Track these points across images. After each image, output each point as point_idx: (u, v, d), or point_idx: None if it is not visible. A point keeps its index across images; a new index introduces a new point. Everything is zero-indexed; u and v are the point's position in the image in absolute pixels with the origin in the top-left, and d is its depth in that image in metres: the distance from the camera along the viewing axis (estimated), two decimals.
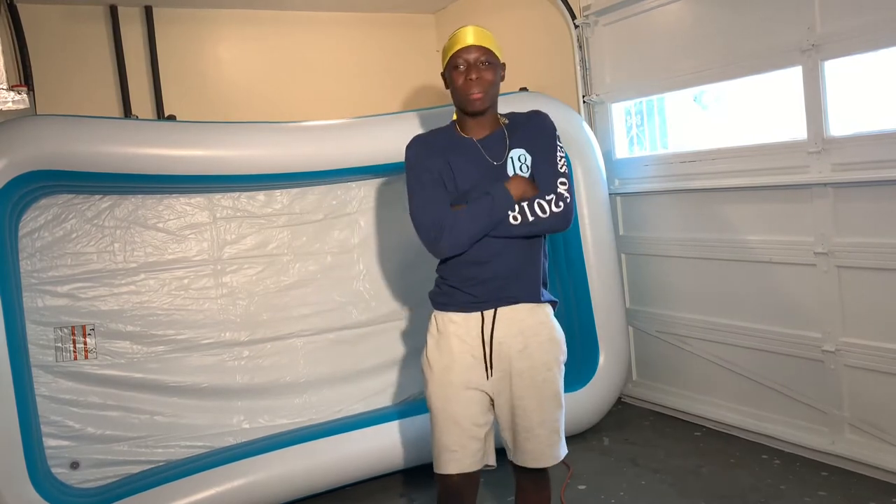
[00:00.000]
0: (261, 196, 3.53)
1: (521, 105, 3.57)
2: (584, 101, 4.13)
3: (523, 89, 3.87)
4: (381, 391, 3.68)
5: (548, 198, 2.12)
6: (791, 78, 3.18)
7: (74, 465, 3.09)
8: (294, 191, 3.57)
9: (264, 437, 3.33)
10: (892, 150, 2.83)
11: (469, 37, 2.13)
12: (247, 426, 3.40)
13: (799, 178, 3.16)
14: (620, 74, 3.98)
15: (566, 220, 2.14)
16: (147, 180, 3.09)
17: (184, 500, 2.89)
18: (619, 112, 4.11)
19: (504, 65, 2.22)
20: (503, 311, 2.13)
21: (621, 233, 4.06)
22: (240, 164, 3.16)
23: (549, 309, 2.22)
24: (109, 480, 3.12)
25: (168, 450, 3.24)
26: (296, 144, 3.23)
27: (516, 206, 2.09)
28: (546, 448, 2.17)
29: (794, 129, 3.21)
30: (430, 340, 2.20)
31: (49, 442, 3.04)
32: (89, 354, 3.18)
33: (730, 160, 3.47)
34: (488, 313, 2.13)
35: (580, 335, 3.76)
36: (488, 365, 2.14)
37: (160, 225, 3.35)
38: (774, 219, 3.32)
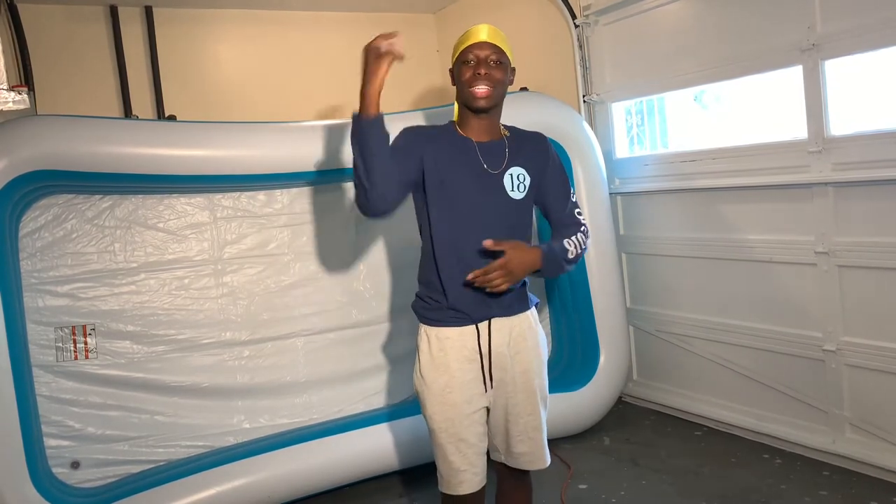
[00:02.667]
0: (261, 196, 3.52)
1: (522, 105, 3.60)
2: (584, 101, 4.12)
3: (524, 89, 3.87)
4: (381, 391, 3.68)
5: (579, 235, 2.17)
6: (791, 77, 3.18)
7: (75, 465, 3.09)
8: (294, 190, 3.56)
9: (265, 437, 3.32)
10: (893, 150, 2.83)
11: (483, 33, 2.10)
12: (247, 426, 3.39)
13: (799, 177, 3.16)
14: (621, 74, 3.98)
15: (585, 248, 2.20)
16: (147, 180, 3.09)
17: (184, 500, 2.89)
18: (620, 111, 4.11)
19: (514, 69, 2.18)
20: (497, 322, 2.10)
21: (621, 232, 4.06)
22: (240, 164, 3.16)
23: (534, 312, 2.21)
24: (110, 480, 3.12)
25: (168, 449, 3.24)
26: (296, 144, 3.23)
27: (573, 243, 2.14)
28: (540, 450, 2.18)
29: (795, 128, 3.21)
30: (424, 358, 2.11)
31: (49, 442, 3.04)
32: (90, 354, 3.18)
33: (730, 160, 3.47)
34: (483, 325, 2.09)
35: (580, 335, 3.76)
36: (488, 377, 2.10)
37: (160, 225, 3.35)
38: (775, 218, 3.32)
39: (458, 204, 2.07)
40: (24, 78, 3.80)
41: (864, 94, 3.06)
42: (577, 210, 2.22)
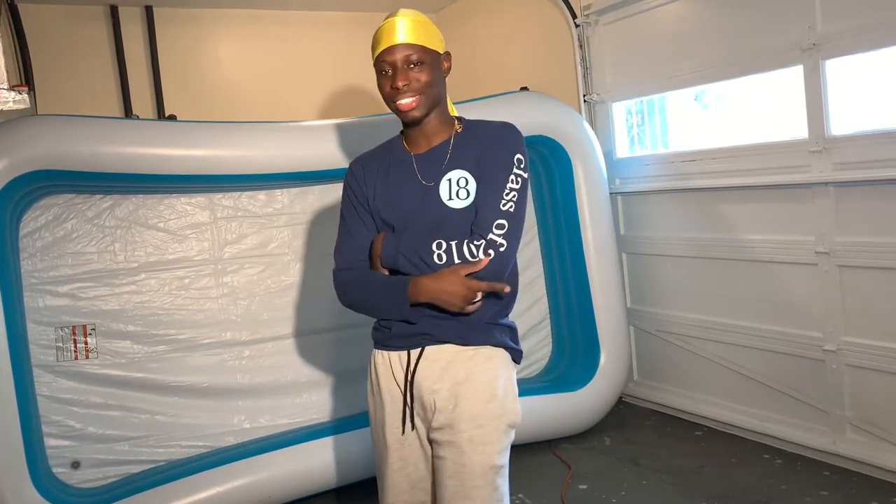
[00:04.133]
0: (261, 196, 3.52)
1: (522, 105, 3.60)
2: (584, 101, 4.12)
3: (524, 89, 3.87)
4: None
5: (476, 243, 1.71)
6: (792, 77, 3.18)
7: (75, 465, 3.09)
8: (294, 190, 3.56)
9: (265, 437, 3.33)
10: (893, 150, 2.83)
11: (393, 34, 1.74)
12: (247, 426, 3.39)
13: (800, 177, 3.15)
14: (621, 74, 3.97)
15: (497, 272, 1.71)
16: (147, 180, 3.09)
17: (184, 500, 2.89)
18: (620, 111, 4.10)
19: (447, 54, 1.84)
20: (429, 351, 1.77)
21: (622, 232, 4.06)
22: (240, 163, 3.16)
23: (494, 354, 1.79)
24: (110, 480, 3.12)
25: (169, 449, 3.24)
26: (296, 144, 3.23)
27: (436, 253, 1.72)
28: None
29: (795, 128, 3.21)
30: (368, 385, 1.91)
31: (50, 441, 3.04)
32: (90, 354, 3.18)
33: (731, 159, 3.47)
34: (414, 353, 1.79)
35: (580, 335, 3.76)
36: (408, 417, 1.78)
37: (161, 225, 3.35)
38: (775, 218, 3.31)
39: (395, 225, 1.81)
40: (25, 78, 3.79)
41: (865, 94, 3.06)
42: (497, 221, 1.72)
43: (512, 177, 1.76)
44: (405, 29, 1.75)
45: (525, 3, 4.45)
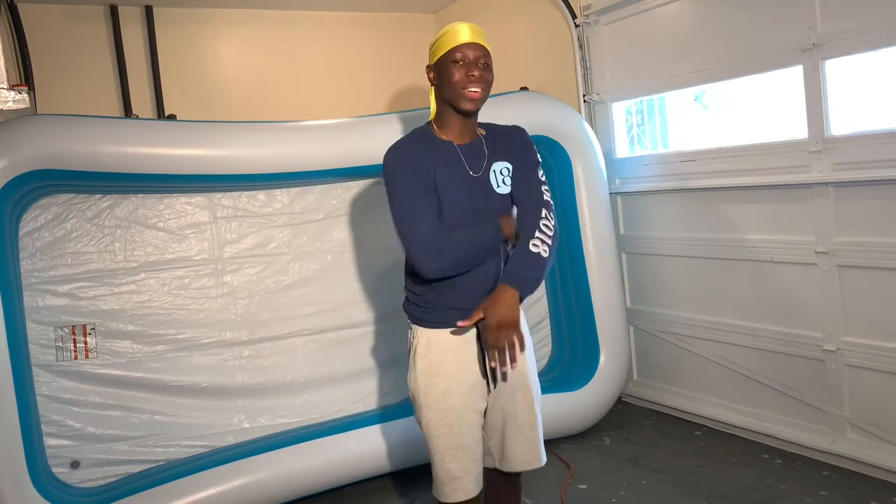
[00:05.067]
0: (261, 195, 3.53)
1: (522, 105, 3.60)
2: (584, 101, 4.12)
3: (524, 89, 3.87)
4: (381, 391, 3.68)
5: (539, 237, 1.99)
6: (792, 77, 3.18)
7: (75, 465, 3.09)
8: (294, 190, 3.57)
9: (265, 437, 3.33)
10: (893, 150, 2.83)
11: (471, 34, 2.03)
12: (247, 426, 3.39)
13: (800, 177, 3.15)
14: (621, 74, 3.97)
15: (553, 249, 2.02)
16: (147, 180, 3.09)
17: (184, 500, 2.89)
18: (620, 111, 4.10)
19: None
20: None
21: (622, 232, 4.06)
22: (240, 163, 3.16)
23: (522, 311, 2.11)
24: (110, 480, 3.12)
25: (168, 449, 3.24)
26: (296, 144, 3.23)
27: (540, 240, 1.97)
28: (536, 448, 2.13)
29: (795, 128, 3.21)
30: (420, 362, 2.05)
31: (49, 441, 3.04)
32: (90, 354, 3.18)
33: (730, 159, 3.47)
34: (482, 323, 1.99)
35: (580, 334, 3.76)
36: (490, 379, 2.05)
37: (160, 224, 3.35)
38: (775, 218, 3.31)
39: (452, 210, 2.01)
40: (24, 77, 3.80)
41: (865, 94, 3.06)
42: (543, 186, 2.08)
43: (537, 159, 2.14)
44: (480, 34, 2.05)
45: (525, 3, 4.45)
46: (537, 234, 1.98)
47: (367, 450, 3.21)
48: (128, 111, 4.32)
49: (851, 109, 3.05)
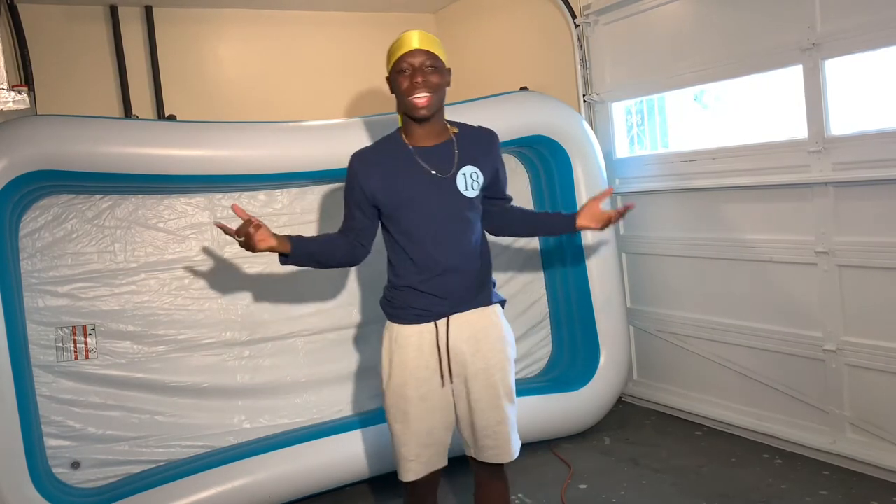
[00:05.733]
0: (261, 196, 3.52)
1: (522, 105, 3.60)
2: (584, 101, 4.12)
3: (524, 88, 3.86)
4: (381, 391, 3.67)
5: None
6: (792, 77, 3.18)
7: (75, 465, 3.09)
8: (294, 190, 3.56)
9: (265, 437, 3.32)
10: (893, 149, 2.83)
11: (415, 40, 2.11)
12: (247, 426, 3.39)
13: (800, 177, 3.16)
14: (621, 73, 3.97)
15: None
16: (147, 180, 3.09)
17: (184, 500, 2.89)
18: (620, 111, 4.11)
19: (450, 70, 2.20)
20: (455, 318, 2.18)
21: (622, 232, 4.06)
22: (240, 164, 3.16)
23: (498, 309, 2.27)
24: (110, 480, 3.12)
25: (169, 450, 3.24)
26: (296, 145, 3.23)
27: None
28: (505, 444, 2.22)
29: (795, 127, 3.21)
30: (385, 354, 2.23)
31: (50, 442, 3.04)
32: (90, 354, 3.18)
33: (730, 159, 3.47)
34: (441, 322, 2.17)
35: (581, 335, 3.76)
36: (447, 372, 2.18)
37: (161, 225, 3.35)
38: (775, 218, 3.31)
39: (413, 214, 2.16)
40: (24, 78, 3.80)
41: (865, 94, 3.06)
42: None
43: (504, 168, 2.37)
44: (424, 39, 2.12)
45: (525, 3, 4.45)
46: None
47: (367, 450, 3.21)
48: (128, 111, 4.32)
49: (851, 109, 3.05)
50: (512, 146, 3.62)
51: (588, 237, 3.65)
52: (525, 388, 3.70)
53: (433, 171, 2.16)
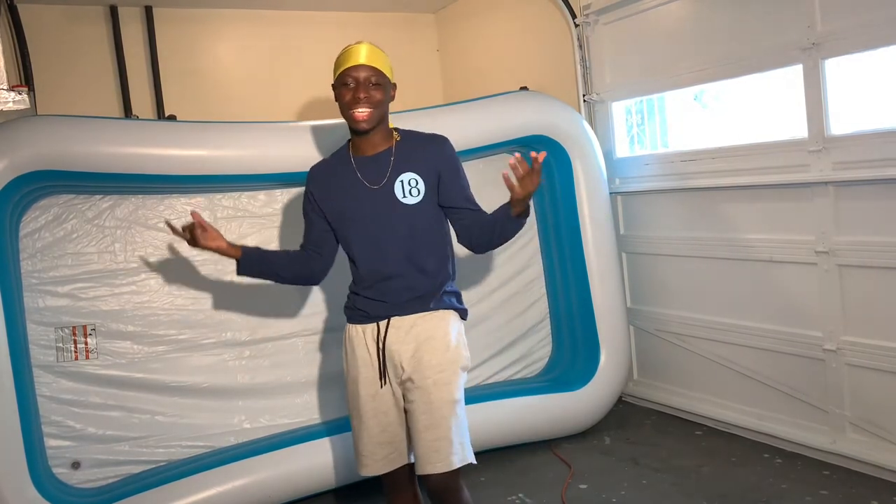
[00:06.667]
0: (261, 196, 3.52)
1: (522, 105, 3.60)
2: (584, 100, 4.12)
3: (524, 88, 3.87)
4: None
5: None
6: (792, 76, 3.18)
7: (75, 465, 3.09)
8: (295, 190, 3.56)
9: (265, 437, 3.32)
10: (893, 149, 2.83)
11: (362, 55, 2.15)
12: (248, 426, 3.39)
13: (800, 176, 3.15)
14: (621, 73, 3.97)
15: None
16: (147, 180, 3.09)
17: (185, 500, 2.89)
18: (620, 111, 4.11)
19: (395, 85, 2.24)
20: (396, 321, 2.22)
21: (622, 232, 4.06)
22: (240, 163, 3.16)
23: (450, 315, 2.26)
24: (110, 480, 3.12)
25: (169, 450, 3.24)
26: (295, 144, 3.23)
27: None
28: (437, 453, 2.11)
29: (795, 127, 3.21)
30: (343, 352, 2.34)
31: (50, 442, 3.04)
32: (90, 354, 3.18)
33: (730, 159, 3.47)
34: (382, 323, 2.23)
35: (580, 335, 3.76)
36: (381, 373, 2.22)
37: (161, 225, 3.34)
38: (775, 217, 3.31)
39: (351, 225, 2.25)
40: (24, 78, 3.80)
41: (865, 93, 3.06)
42: (469, 191, 2.31)
43: (463, 175, 2.30)
44: (370, 54, 2.17)
45: (525, 3, 4.45)
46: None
47: None
48: (128, 111, 4.32)
49: (851, 108, 3.05)
50: (512, 146, 3.62)
51: (588, 237, 3.65)
52: (525, 388, 3.70)
53: (366, 182, 2.21)
